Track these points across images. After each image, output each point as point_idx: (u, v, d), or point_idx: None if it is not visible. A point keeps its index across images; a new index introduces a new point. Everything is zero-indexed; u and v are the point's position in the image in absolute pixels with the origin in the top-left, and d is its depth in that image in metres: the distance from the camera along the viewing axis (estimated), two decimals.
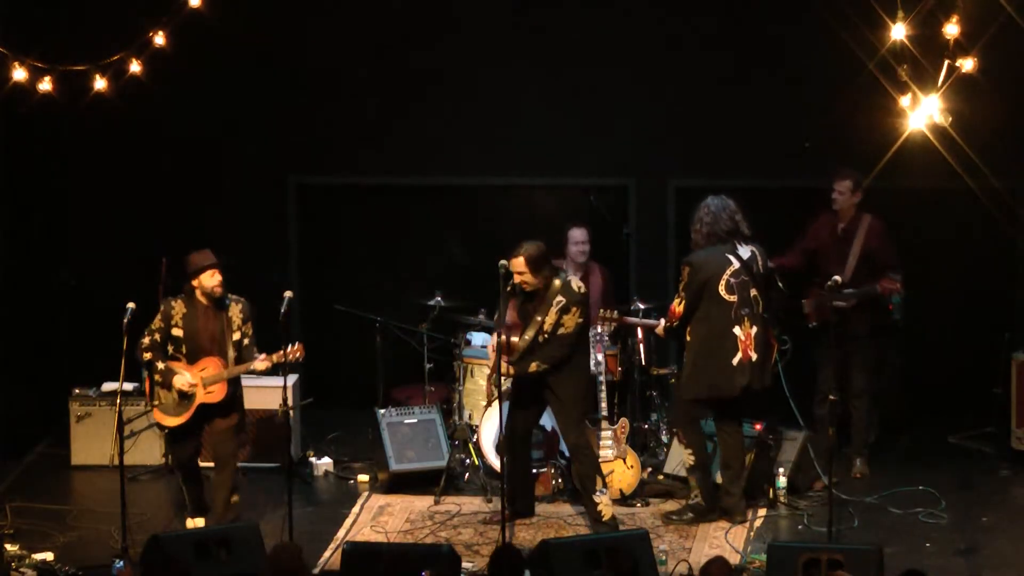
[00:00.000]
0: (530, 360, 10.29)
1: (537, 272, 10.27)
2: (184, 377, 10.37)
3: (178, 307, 10.48)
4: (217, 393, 10.42)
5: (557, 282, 10.30)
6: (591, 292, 11.63)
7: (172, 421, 10.49)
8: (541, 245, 10.36)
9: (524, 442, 10.69)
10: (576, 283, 10.38)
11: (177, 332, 10.46)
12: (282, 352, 10.17)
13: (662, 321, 10.80)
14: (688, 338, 10.57)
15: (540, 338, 10.29)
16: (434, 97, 12.88)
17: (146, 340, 10.42)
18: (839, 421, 11.38)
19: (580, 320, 10.31)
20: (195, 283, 10.44)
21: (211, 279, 10.41)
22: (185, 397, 10.40)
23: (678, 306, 10.52)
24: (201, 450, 10.78)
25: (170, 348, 10.47)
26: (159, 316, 10.48)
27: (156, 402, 10.51)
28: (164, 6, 11.24)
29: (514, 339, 10.38)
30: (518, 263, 10.25)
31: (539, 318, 10.27)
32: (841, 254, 11.45)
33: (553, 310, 10.25)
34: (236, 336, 10.43)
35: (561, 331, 10.26)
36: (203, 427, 10.57)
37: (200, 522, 10.62)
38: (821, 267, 11.41)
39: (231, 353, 10.40)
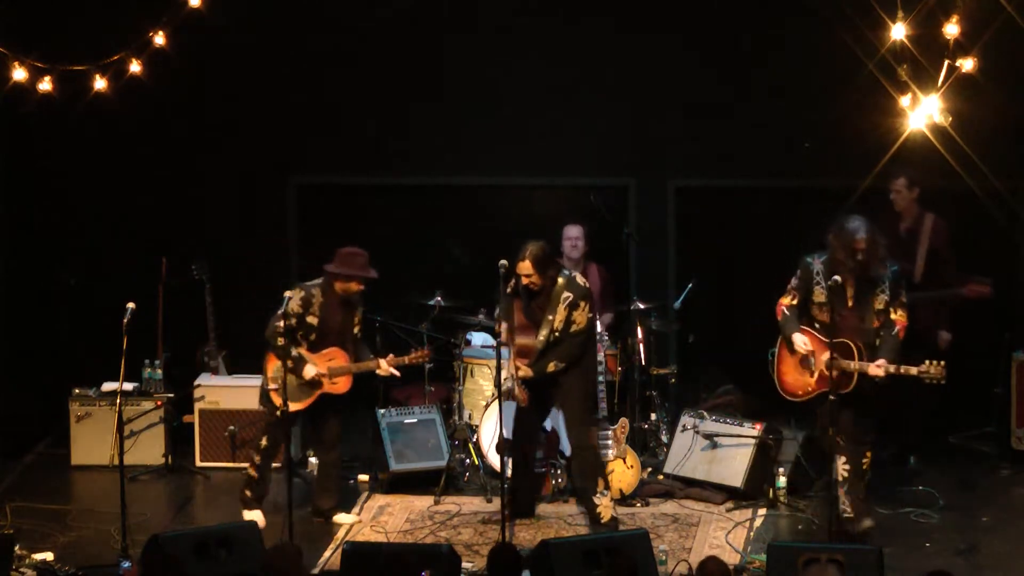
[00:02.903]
0: (547, 361, 10.28)
1: (543, 272, 10.26)
2: (314, 367, 10.51)
3: (317, 295, 10.53)
4: (342, 385, 10.63)
5: (561, 279, 10.29)
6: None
7: (292, 406, 10.51)
8: (543, 244, 10.35)
9: (530, 441, 10.67)
10: (580, 278, 10.38)
11: (312, 320, 10.53)
12: (411, 356, 10.74)
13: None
14: None
15: (552, 337, 10.29)
16: (434, 97, 12.87)
17: (281, 324, 10.26)
18: None
19: (590, 315, 10.32)
20: (341, 281, 10.55)
21: (358, 287, 10.61)
22: (310, 385, 10.53)
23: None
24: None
25: (298, 334, 10.55)
26: (297, 302, 10.47)
27: (275, 385, 10.47)
28: (164, 6, 11.25)
29: (527, 341, 10.37)
30: (525, 266, 10.23)
31: (549, 317, 10.26)
32: (907, 253, 11.40)
33: (561, 307, 10.24)
34: (356, 330, 10.70)
35: (574, 328, 10.25)
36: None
37: (258, 514, 10.59)
38: None
39: (350, 347, 10.67)
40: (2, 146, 12.44)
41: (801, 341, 10.07)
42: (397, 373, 10.78)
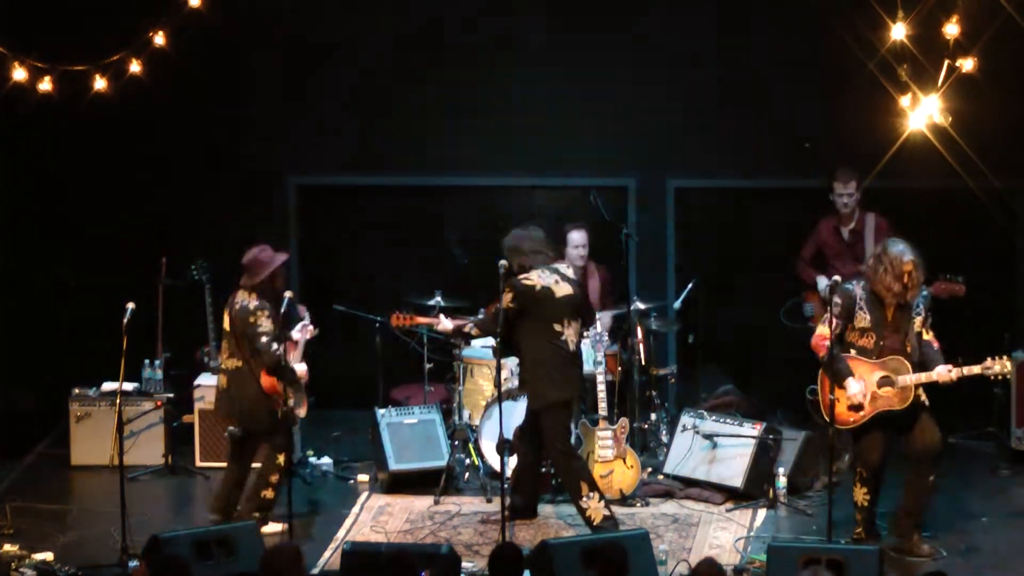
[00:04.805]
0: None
1: (512, 259, 10.37)
2: (300, 365, 10.51)
3: (270, 307, 10.38)
4: (305, 373, 10.63)
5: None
6: (590, 292, 11.64)
7: (303, 410, 10.58)
8: (520, 236, 10.39)
9: (532, 442, 10.64)
10: (533, 275, 10.32)
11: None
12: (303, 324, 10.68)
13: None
14: None
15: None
16: (434, 97, 12.88)
17: (277, 347, 10.22)
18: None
19: (512, 305, 10.25)
20: (272, 281, 10.42)
21: (281, 277, 10.52)
22: (298, 388, 10.50)
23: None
24: None
25: None
26: (268, 320, 10.28)
27: (292, 401, 10.45)
28: (164, 6, 11.26)
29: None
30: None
31: None
32: (855, 255, 11.42)
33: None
34: None
35: (498, 304, 10.32)
36: None
37: (274, 525, 10.46)
38: (830, 271, 11.34)
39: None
40: (2, 146, 12.44)
41: (858, 390, 9.84)
42: (311, 330, 10.76)
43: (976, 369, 9.82)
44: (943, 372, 9.80)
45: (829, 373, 9.78)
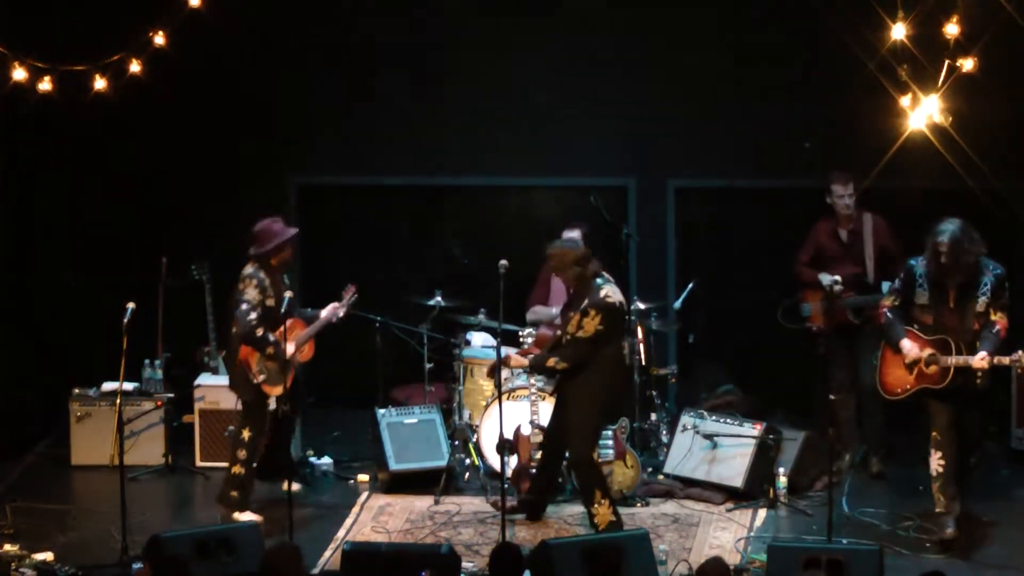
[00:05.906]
0: (548, 356, 10.30)
1: (561, 272, 10.34)
2: (291, 343, 10.49)
3: (265, 278, 10.52)
4: (308, 352, 10.78)
5: (593, 286, 10.27)
6: None
7: (278, 390, 10.55)
8: (566, 249, 10.33)
9: (556, 443, 10.63)
10: (606, 291, 10.23)
11: (270, 302, 10.52)
12: (347, 294, 10.97)
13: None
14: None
15: (564, 338, 10.30)
16: (434, 97, 12.88)
17: (254, 316, 10.41)
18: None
19: (600, 328, 10.18)
20: (277, 255, 10.57)
21: (289, 252, 10.66)
22: (287, 364, 10.47)
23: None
24: None
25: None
26: (255, 290, 10.46)
27: (263, 376, 10.53)
28: (164, 6, 11.26)
29: (547, 333, 10.56)
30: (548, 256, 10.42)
31: (571, 314, 10.29)
32: (854, 256, 11.44)
33: (578, 312, 10.24)
34: (290, 294, 10.62)
35: (580, 333, 10.20)
36: None
37: (250, 515, 10.57)
38: (830, 272, 11.33)
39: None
40: (2, 146, 12.44)
41: (909, 346, 10.09)
42: (343, 313, 10.94)
43: (1005, 360, 9.92)
44: (979, 359, 9.92)
45: (885, 338, 10.15)
